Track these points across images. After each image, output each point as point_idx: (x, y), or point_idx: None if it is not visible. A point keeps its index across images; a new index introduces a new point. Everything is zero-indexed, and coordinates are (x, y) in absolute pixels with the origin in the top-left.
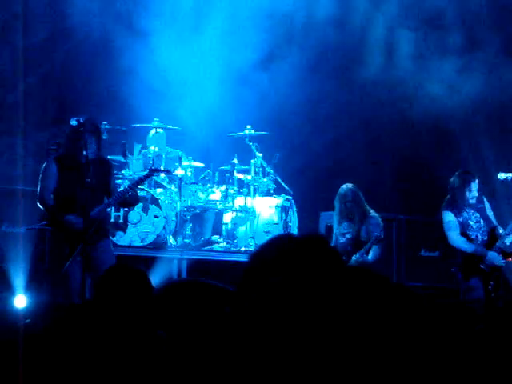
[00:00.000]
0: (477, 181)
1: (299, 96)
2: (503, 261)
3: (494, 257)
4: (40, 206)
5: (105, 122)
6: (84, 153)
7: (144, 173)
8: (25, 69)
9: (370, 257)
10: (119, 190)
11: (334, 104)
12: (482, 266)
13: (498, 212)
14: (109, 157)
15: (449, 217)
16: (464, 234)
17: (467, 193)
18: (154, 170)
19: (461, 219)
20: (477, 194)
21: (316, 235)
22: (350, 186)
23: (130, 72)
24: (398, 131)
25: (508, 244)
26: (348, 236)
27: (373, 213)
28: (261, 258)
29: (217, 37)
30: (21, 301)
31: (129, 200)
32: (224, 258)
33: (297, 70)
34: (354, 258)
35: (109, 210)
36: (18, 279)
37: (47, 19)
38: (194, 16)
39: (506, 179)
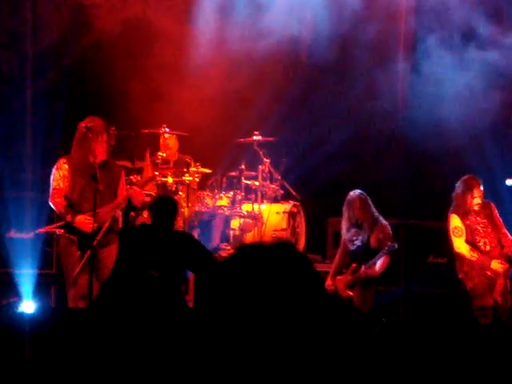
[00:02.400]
0: (481, 187)
1: (308, 100)
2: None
3: (497, 265)
4: (52, 206)
5: (113, 128)
6: (92, 157)
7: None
8: (33, 74)
9: (377, 267)
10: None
11: (343, 109)
12: (488, 273)
13: (506, 219)
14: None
15: (455, 221)
16: (470, 240)
17: (470, 198)
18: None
19: (467, 224)
20: (480, 201)
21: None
22: (358, 192)
23: (139, 77)
24: (407, 136)
25: None
26: (357, 243)
27: (382, 220)
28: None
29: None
30: (28, 306)
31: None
32: None
33: (306, 74)
34: (362, 268)
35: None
36: (26, 285)
37: (55, 24)
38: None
39: None
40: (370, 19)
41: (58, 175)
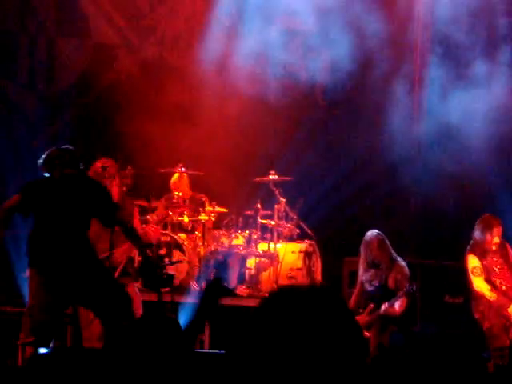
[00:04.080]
0: (500, 227)
1: (325, 140)
2: None
3: None
4: None
5: (130, 167)
6: None
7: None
8: (51, 114)
9: (397, 307)
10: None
11: (359, 150)
12: (505, 314)
13: None
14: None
15: (474, 261)
16: (488, 280)
17: (489, 238)
18: (174, 207)
19: (485, 264)
20: (498, 240)
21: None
22: (375, 232)
23: (155, 116)
24: (422, 177)
25: None
26: (375, 284)
27: (400, 261)
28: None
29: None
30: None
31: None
32: (247, 304)
33: (323, 114)
34: (383, 307)
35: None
36: None
37: (74, 65)
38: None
39: None
40: (384, 58)
41: None
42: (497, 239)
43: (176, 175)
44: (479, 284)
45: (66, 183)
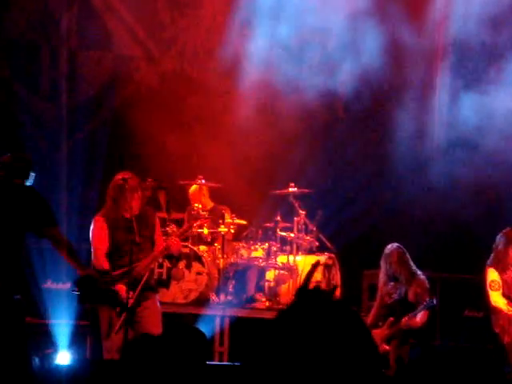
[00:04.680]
0: None
1: (345, 152)
2: None
3: None
4: (95, 267)
5: (150, 179)
6: (128, 211)
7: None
8: (72, 126)
9: (418, 319)
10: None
11: (378, 162)
12: None
13: None
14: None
15: (492, 275)
16: (507, 294)
17: (510, 251)
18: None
19: (505, 278)
20: None
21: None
22: (395, 246)
23: (176, 129)
24: (440, 189)
25: None
26: (395, 297)
27: (420, 274)
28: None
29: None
30: (64, 357)
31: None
32: (266, 316)
33: (342, 126)
34: (403, 321)
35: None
36: (62, 336)
37: (95, 77)
38: None
39: None
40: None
41: (98, 233)
42: None
43: (194, 187)
44: (496, 298)
45: (3, 193)
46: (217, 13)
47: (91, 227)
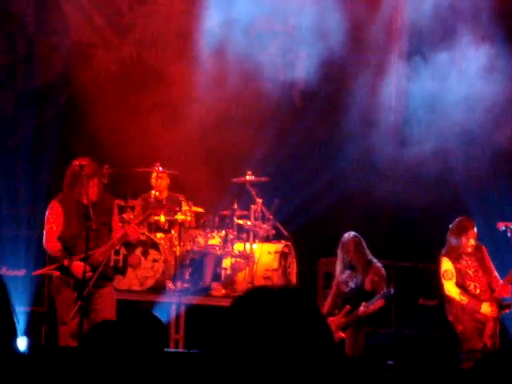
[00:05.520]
0: (475, 229)
1: (301, 139)
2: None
3: (487, 309)
4: (47, 250)
5: (106, 166)
6: (85, 197)
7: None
8: (28, 112)
9: (372, 307)
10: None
11: (336, 153)
12: (478, 317)
13: (498, 262)
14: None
15: (446, 265)
16: (461, 283)
17: (465, 240)
18: (156, 209)
19: (458, 267)
20: (474, 242)
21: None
22: (352, 234)
23: (133, 116)
24: (398, 176)
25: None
26: (351, 285)
27: (376, 263)
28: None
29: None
30: (20, 344)
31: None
32: (222, 304)
33: (298, 114)
34: (360, 309)
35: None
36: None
37: (51, 63)
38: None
39: (505, 230)
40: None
41: (52, 217)
42: (472, 241)
43: (155, 174)
44: (449, 288)
45: None
46: (175, 1)
47: (46, 211)
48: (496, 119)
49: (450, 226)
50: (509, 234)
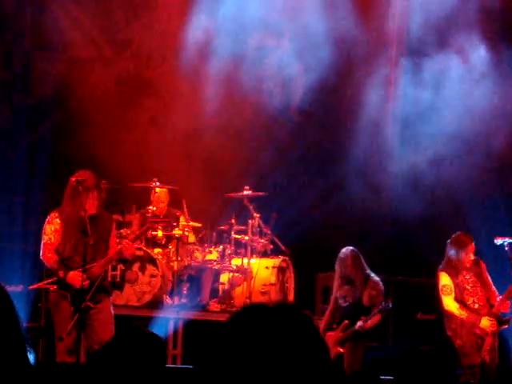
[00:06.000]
0: (473, 244)
1: (300, 155)
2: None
3: (486, 324)
4: (43, 261)
5: (104, 181)
6: (83, 211)
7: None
8: (26, 127)
9: (370, 322)
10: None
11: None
12: (477, 331)
13: (494, 277)
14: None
15: (444, 279)
16: (459, 298)
17: (463, 255)
18: (154, 221)
19: (457, 282)
20: (473, 257)
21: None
22: (350, 249)
23: (130, 131)
24: (396, 192)
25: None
26: (349, 300)
27: (374, 277)
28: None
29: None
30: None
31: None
32: (220, 319)
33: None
34: (359, 324)
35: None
36: None
37: (49, 78)
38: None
39: (502, 244)
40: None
41: (50, 229)
42: (471, 256)
43: (158, 190)
44: (448, 303)
45: None
46: (172, 15)
47: (44, 223)
48: (495, 127)
49: (448, 240)
50: (506, 249)
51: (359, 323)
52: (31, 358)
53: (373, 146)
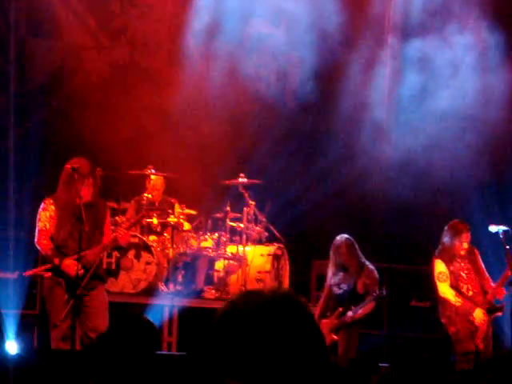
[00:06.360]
0: (469, 233)
1: (295, 142)
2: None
3: (480, 316)
4: (38, 248)
5: (99, 169)
6: (78, 198)
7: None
8: (21, 114)
9: (361, 311)
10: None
11: (329, 154)
12: (471, 319)
13: (488, 265)
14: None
15: (440, 267)
16: (454, 285)
17: (458, 243)
18: (149, 210)
19: (452, 269)
20: (467, 246)
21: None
22: (344, 237)
23: (125, 118)
24: (393, 179)
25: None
26: (344, 288)
27: (369, 265)
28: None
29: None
30: (11, 347)
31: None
32: (215, 306)
33: (293, 117)
34: (348, 314)
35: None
36: (9, 325)
37: (44, 65)
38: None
39: (497, 232)
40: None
41: (45, 216)
42: (465, 245)
43: (153, 177)
44: (444, 289)
45: None
46: (167, 3)
47: (39, 209)
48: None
49: (444, 228)
50: (500, 237)
51: (349, 313)
52: (15, 347)
53: (367, 130)
